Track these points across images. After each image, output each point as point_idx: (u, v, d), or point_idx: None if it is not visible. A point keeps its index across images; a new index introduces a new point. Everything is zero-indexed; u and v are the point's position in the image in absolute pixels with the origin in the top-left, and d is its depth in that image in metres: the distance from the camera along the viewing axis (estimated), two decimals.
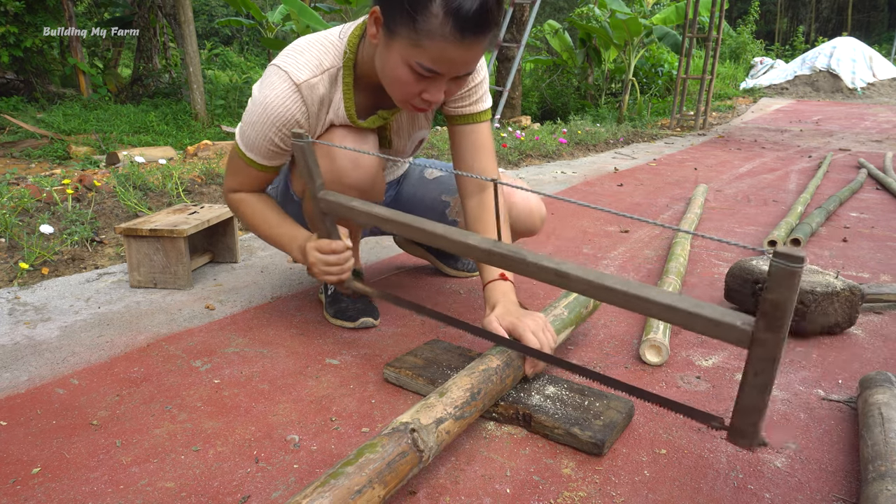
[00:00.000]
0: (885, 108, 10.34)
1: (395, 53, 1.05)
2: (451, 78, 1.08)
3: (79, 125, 6.11)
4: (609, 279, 0.82)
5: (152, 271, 1.68)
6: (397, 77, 1.08)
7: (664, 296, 0.77)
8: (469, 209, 1.35)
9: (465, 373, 1.02)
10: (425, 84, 1.07)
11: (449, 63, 1.03)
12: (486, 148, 1.34)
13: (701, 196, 2.88)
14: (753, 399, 0.74)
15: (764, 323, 0.69)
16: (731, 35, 15.45)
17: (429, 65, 1.03)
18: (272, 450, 0.99)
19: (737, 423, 0.77)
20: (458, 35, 0.99)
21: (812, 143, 5.74)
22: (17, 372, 1.23)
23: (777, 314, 0.68)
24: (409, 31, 1.01)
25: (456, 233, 0.96)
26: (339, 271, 1.20)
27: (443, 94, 1.10)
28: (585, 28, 8.05)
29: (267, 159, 1.27)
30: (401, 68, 1.06)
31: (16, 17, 6.85)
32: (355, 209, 1.07)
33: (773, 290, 0.67)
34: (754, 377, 0.72)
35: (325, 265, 1.19)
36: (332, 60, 1.21)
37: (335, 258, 1.19)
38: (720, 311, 0.74)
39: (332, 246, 1.18)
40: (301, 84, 1.18)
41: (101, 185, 2.55)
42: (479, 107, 1.32)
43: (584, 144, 5.17)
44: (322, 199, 1.12)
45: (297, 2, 6.26)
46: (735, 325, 0.72)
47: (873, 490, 0.83)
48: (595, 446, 0.98)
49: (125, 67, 11.50)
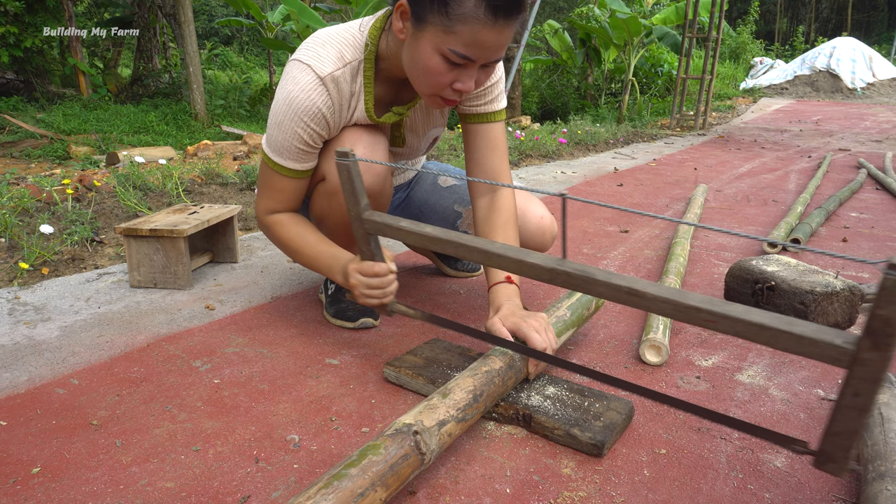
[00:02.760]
0: (884, 108, 10.34)
1: (426, 43, 1.05)
2: (480, 66, 1.08)
3: (79, 125, 6.12)
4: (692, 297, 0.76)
5: (152, 271, 1.68)
6: (428, 68, 1.07)
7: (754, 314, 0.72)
8: (478, 208, 1.34)
9: (467, 373, 1.02)
10: (457, 73, 1.07)
11: (481, 47, 1.04)
12: (499, 148, 1.34)
13: (701, 196, 2.88)
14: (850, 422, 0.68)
15: (870, 341, 0.64)
16: (730, 35, 15.45)
17: (462, 50, 1.03)
18: (272, 450, 0.99)
19: (827, 447, 0.71)
20: (492, 17, 1.00)
21: (812, 143, 5.74)
22: (17, 372, 1.23)
23: (886, 331, 0.62)
24: (442, 17, 1.01)
25: (514, 251, 0.90)
26: (382, 294, 1.16)
27: (473, 83, 1.10)
28: (585, 28, 8.05)
29: (296, 161, 1.24)
30: (433, 58, 1.05)
31: (16, 17, 6.85)
32: (404, 230, 1.02)
33: (884, 305, 0.61)
34: (854, 398, 0.67)
35: (368, 288, 1.15)
36: (354, 53, 1.20)
37: (378, 281, 1.15)
38: (814, 328, 0.69)
39: (374, 269, 1.14)
40: (325, 77, 1.17)
41: (101, 185, 2.55)
42: (495, 106, 1.33)
43: (583, 144, 5.17)
44: (367, 220, 1.06)
45: (297, 2, 6.26)
46: (834, 343, 0.67)
47: (873, 490, 0.83)
48: (595, 447, 0.98)
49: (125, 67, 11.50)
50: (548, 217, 1.52)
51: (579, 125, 5.98)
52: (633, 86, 8.47)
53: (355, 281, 1.16)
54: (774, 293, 1.47)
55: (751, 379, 1.26)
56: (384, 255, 1.16)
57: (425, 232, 0.99)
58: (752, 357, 1.36)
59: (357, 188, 1.03)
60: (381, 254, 1.15)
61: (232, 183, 2.91)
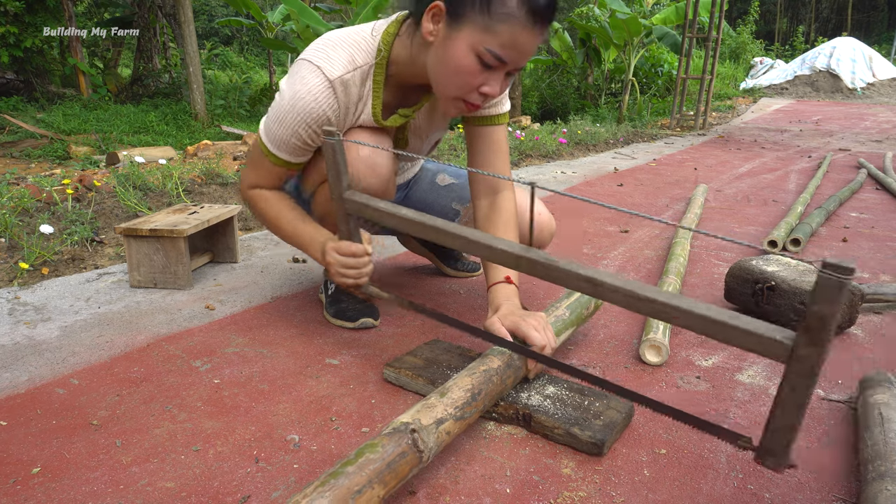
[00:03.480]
0: (884, 108, 10.34)
1: (462, 42, 1.06)
2: (507, 72, 1.10)
3: (79, 125, 6.12)
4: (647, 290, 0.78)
5: (152, 271, 1.68)
6: (461, 67, 1.07)
7: (700, 307, 0.74)
8: (480, 209, 1.35)
9: (465, 373, 1.02)
10: (487, 76, 1.09)
11: (517, 49, 1.05)
12: (501, 150, 1.36)
13: (701, 196, 2.88)
14: (788, 417, 0.70)
15: (807, 338, 0.65)
16: (730, 35, 15.44)
17: (498, 51, 1.04)
18: (272, 450, 0.99)
19: (767, 441, 0.73)
20: (531, 19, 1.02)
21: (812, 143, 5.74)
22: (17, 372, 1.23)
23: (822, 328, 0.64)
24: (483, 15, 1.03)
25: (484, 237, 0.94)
26: (357, 275, 1.18)
27: (499, 87, 1.11)
28: (585, 28, 8.04)
29: (293, 156, 1.26)
30: (467, 57, 1.06)
31: (16, 17, 6.85)
32: (380, 210, 1.04)
33: (818, 302, 0.63)
34: (791, 393, 0.69)
35: (343, 267, 1.17)
36: (365, 58, 1.20)
37: (354, 261, 1.17)
38: (757, 323, 0.71)
39: (351, 249, 1.16)
40: (334, 80, 1.17)
41: (101, 185, 2.55)
42: (499, 109, 1.33)
43: (583, 144, 5.17)
44: (348, 200, 1.09)
45: (298, 2, 6.26)
46: (774, 338, 0.68)
47: (873, 490, 0.83)
48: (595, 446, 0.98)
49: (125, 67, 11.50)
50: (545, 214, 1.53)
51: (579, 125, 5.98)
52: (633, 86, 8.47)
53: (331, 259, 1.18)
54: (774, 293, 1.47)
55: (751, 379, 1.26)
56: (362, 237, 1.18)
57: (400, 213, 1.01)
58: (752, 357, 1.36)
59: (341, 167, 1.05)
60: (360, 235, 1.17)
61: (232, 183, 2.91)
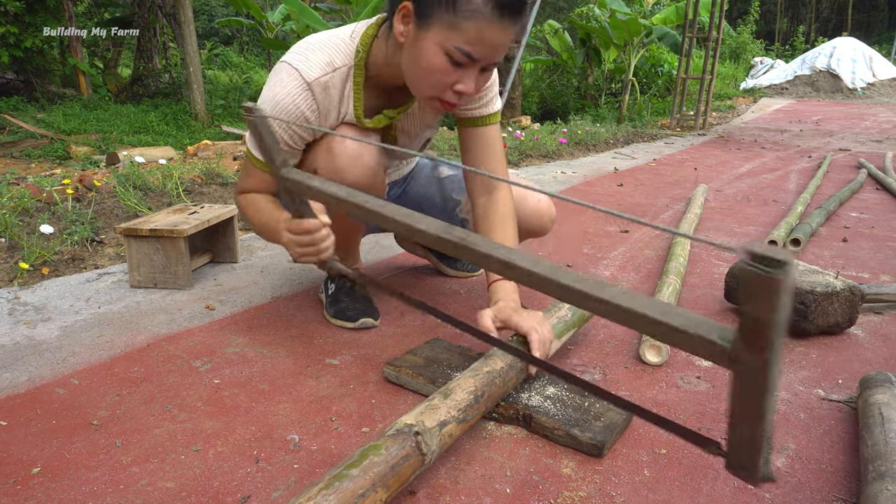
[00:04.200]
0: (885, 108, 10.34)
1: (430, 42, 1.06)
2: (480, 69, 1.10)
3: (79, 125, 6.11)
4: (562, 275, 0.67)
5: (152, 271, 1.68)
6: (432, 67, 1.08)
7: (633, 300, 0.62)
8: (477, 207, 1.36)
9: (468, 374, 1.02)
10: (459, 73, 1.09)
11: (486, 45, 1.05)
12: (495, 150, 1.37)
13: (701, 196, 2.88)
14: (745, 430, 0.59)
15: (743, 342, 0.54)
16: (731, 35, 15.44)
17: (466, 48, 1.05)
18: (272, 450, 0.99)
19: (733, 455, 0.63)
20: (497, 14, 1.02)
21: (812, 143, 5.74)
22: (17, 372, 1.23)
23: (757, 331, 0.53)
24: (449, 13, 1.03)
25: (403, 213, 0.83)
26: (316, 251, 1.13)
27: (474, 85, 1.11)
28: (585, 28, 8.04)
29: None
30: (436, 56, 1.07)
31: (16, 17, 6.85)
32: (314, 189, 0.95)
33: (747, 300, 0.52)
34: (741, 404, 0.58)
35: (300, 246, 1.13)
36: (344, 59, 1.21)
37: (309, 238, 1.12)
38: (694, 319, 0.59)
39: (303, 226, 1.11)
40: (312, 82, 1.19)
41: (101, 185, 2.55)
42: (490, 109, 1.35)
43: (584, 144, 5.17)
44: (285, 178, 1.00)
45: (298, 2, 6.26)
46: (711, 339, 0.57)
47: (873, 490, 0.83)
48: (595, 448, 0.98)
49: (125, 67, 11.49)
50: (545, 200, 1.54)
51: (579, 125, 5.98)
52: (633, 86, 8.47)
53: (286, 239, 1.14)
54: None
55: None
56: (314, 210, 1.12)
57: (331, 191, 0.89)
58: None
59: (269, 145, 0.97)
60: (310, 210, 1.11)
61: (232, 183, 2.91)
